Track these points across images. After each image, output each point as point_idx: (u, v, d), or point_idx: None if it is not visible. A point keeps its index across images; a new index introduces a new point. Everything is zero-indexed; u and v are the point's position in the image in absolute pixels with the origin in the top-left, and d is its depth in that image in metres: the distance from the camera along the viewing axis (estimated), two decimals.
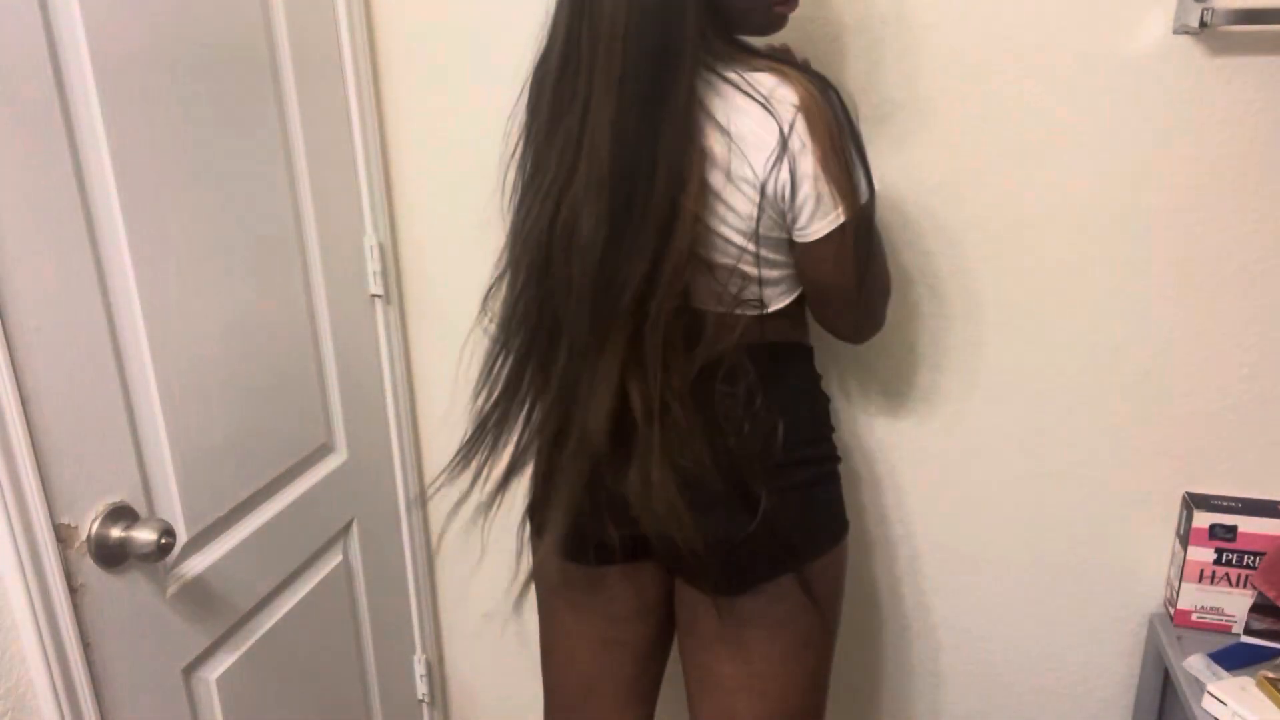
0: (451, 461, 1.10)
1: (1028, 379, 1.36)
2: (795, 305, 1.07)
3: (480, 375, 1.07)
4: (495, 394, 1.06)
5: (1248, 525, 1.28)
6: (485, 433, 1.08)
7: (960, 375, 1.38)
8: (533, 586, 1.20)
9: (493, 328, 1.07)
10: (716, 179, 0.94)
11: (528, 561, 1.18)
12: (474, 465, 1.09)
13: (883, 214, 1.34)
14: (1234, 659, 1.25)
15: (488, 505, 1.10)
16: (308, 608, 1.33)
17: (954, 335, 1.36)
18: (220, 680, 1.15)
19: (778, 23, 1.01)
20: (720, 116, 0.93)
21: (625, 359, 0.96)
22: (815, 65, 1.24)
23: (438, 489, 1.46)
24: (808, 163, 0.92)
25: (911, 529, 1.48)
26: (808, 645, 1.11)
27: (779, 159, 0.92)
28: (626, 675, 1.22)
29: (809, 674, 1.13)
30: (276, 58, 1.20)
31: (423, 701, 1.70)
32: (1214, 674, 1.22)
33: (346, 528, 1.44)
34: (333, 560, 1.40)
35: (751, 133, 0.92)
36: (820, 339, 1.16)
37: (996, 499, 1.43)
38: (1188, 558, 1.31)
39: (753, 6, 0.97)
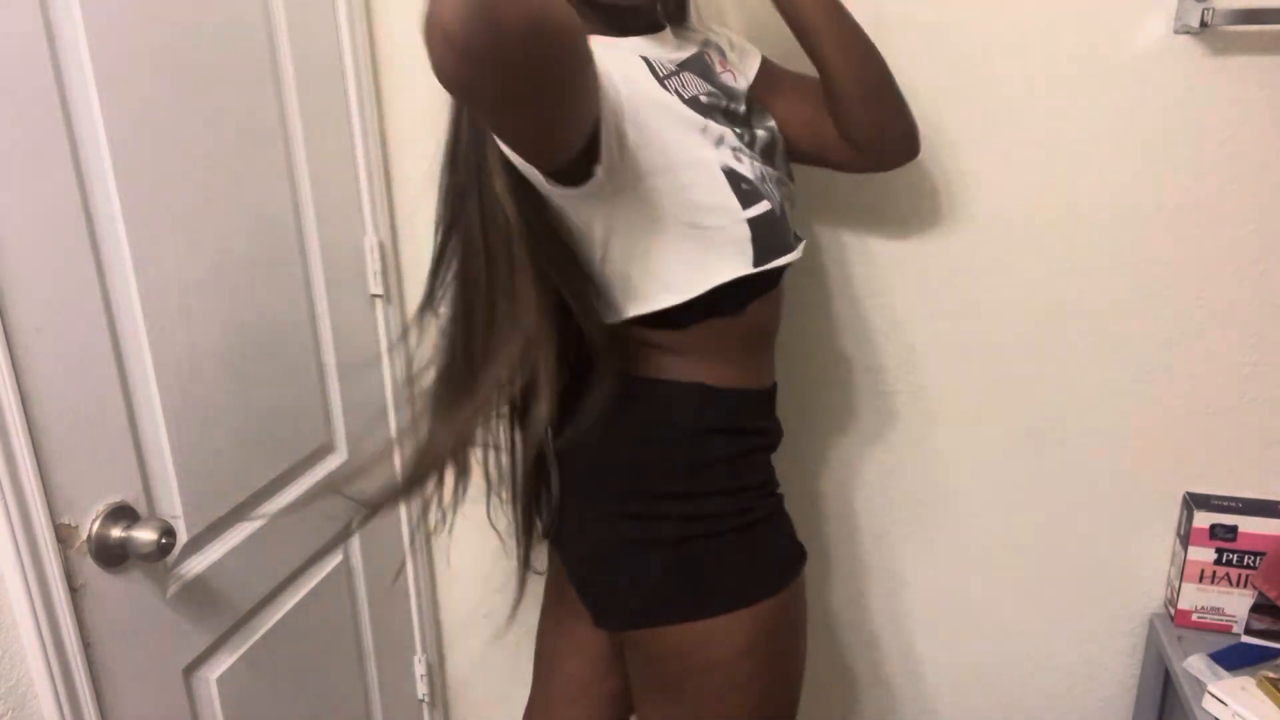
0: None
1: (1027, 379, 1.36)
2: (665, 328, 0.96)
3: None
4: None
5: (1248, 525, 1.28)
6: None
7: (960, 375, 1.38)
8: None
9: None
10: None
11: None
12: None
13: (883, 214, 1.34)
14: (1234, 659, 1.25)
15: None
16: (308, 608, 1.33)
17: (953, 335, 1.36)
18: (220, 680, 1.15)
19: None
20: None
21: None
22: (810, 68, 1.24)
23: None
24: None
25: (912, 529, 1.48)
26: None
27: None
28: (577, 671, 1.21)
29: None
30: (277, 57, 1.20)
31: (423, 701, 1.70)
32: (1214, 674, 1.22)
33: (347, 528, 1.44)
34: (333, 560, 1.40)
35: None
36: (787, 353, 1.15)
37: (996, 499, 1.43)
38: (1188, 558, 1.31)
39: None
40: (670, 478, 0.98)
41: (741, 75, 1.08)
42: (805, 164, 1.14)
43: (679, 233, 0.91)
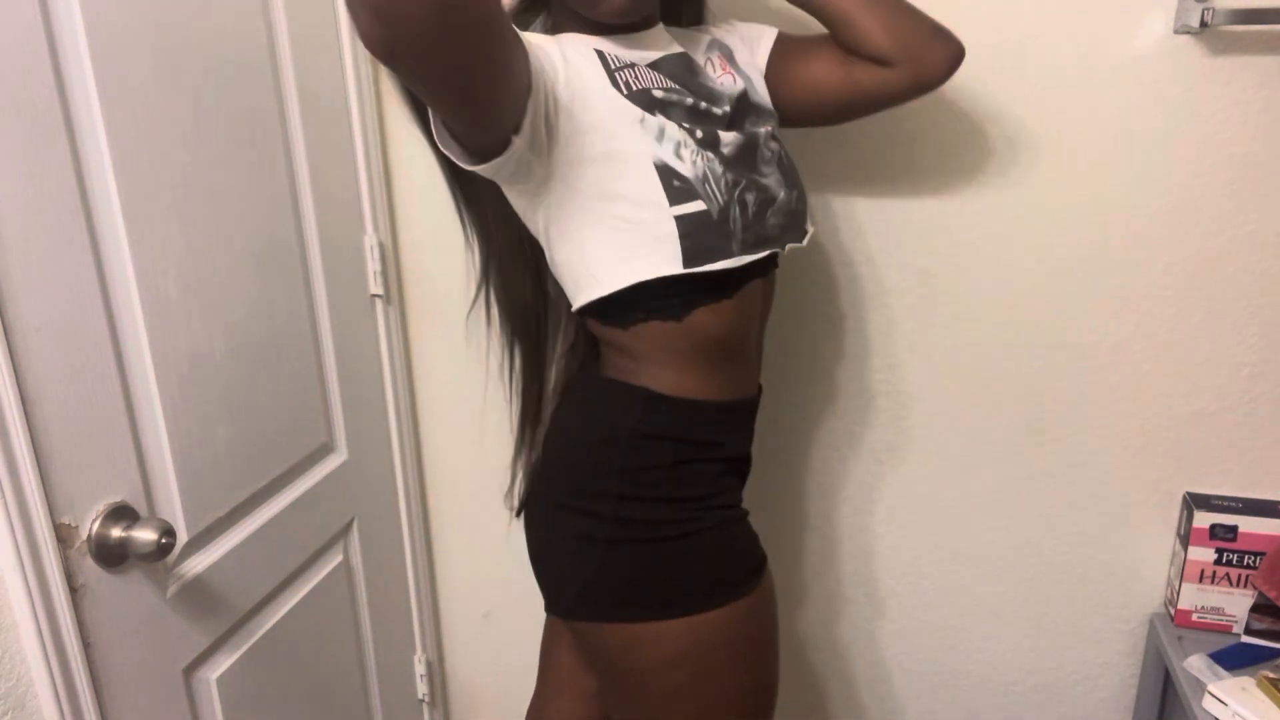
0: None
1: (1028, 379, 1.36)
2: (612, 325, 0.99)
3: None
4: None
5: (1248, 525, 1.28)
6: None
7: (960, 375, 1.38)
8: None
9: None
10: None
11: None
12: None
13: (882, 214, 1.34)
14: (1234, 659, 1.25)
15: None
16: (308, 608, 1.33)
17: (954, 335, 1.36)
18: (220, 680, 1.15)
19: (610, 13, 0.94)
20: None
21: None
22: None
23: None
24: None
25: (912, 529, 1.48)
26: (622, 713, 1.06)
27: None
28: (565, 663, 1.23)
29: None
30: (277, 57, 1.20)
31: (423, 701, 1.70)
32: (1214, 674, 1.22)
33: (346, 528, 1.44)
34: (333, 560, 1.40)
35: None
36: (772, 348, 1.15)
37: (997, 499, 1.43)
38: (1188, 558, 1.31)
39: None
40: (607, 477, 0.99)
41: (742, 76, 1.08)
42: (862, 115, 1.11)
43: (607, 224, 0.92)
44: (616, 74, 0.94)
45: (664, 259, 0.91)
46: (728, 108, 1.01)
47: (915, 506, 1.46)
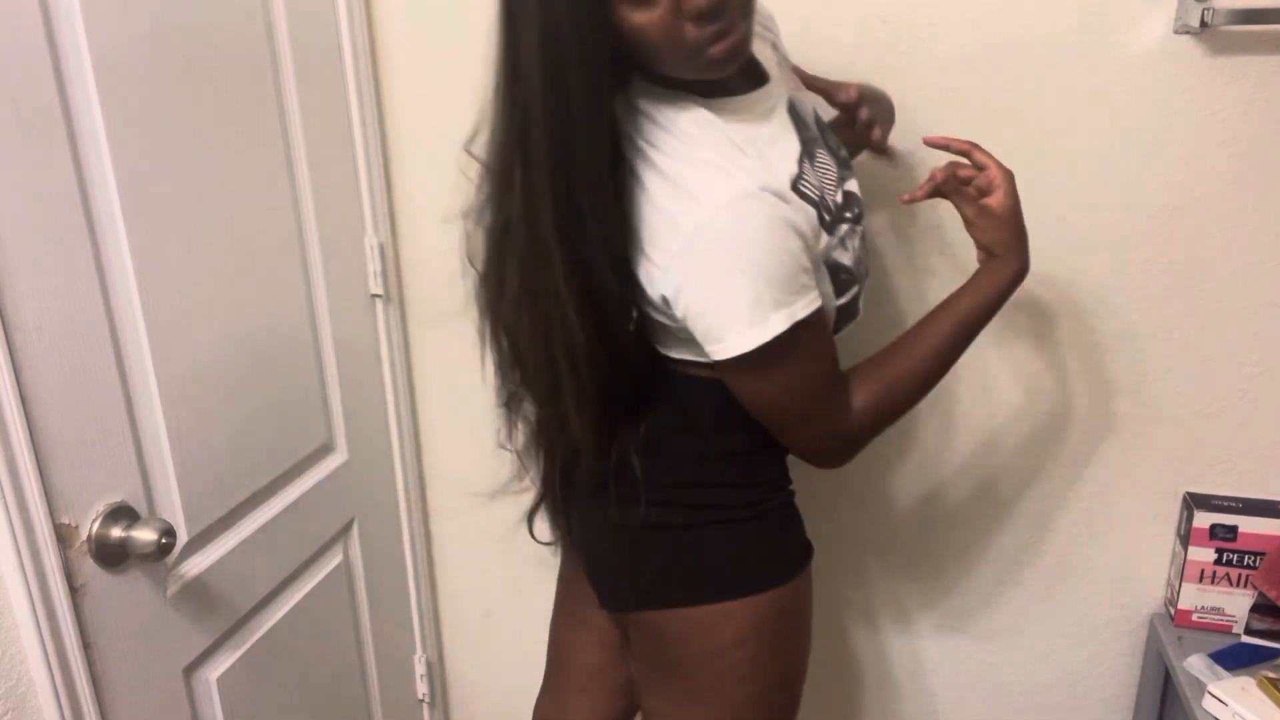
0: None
1: (1028, 379, 1.36)
2: None
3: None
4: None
5: (1248, 525, 1.28)
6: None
7: (960, 375, 1.38)
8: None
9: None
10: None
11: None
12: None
13: (883, 214, 1.34)
14: (1234, 659, 1.25)
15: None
16: (308, 608, 1.33)
17: None
18: (220, 680, 1.15)
19: (717, 66, 0.85)
20: (659, 169, 0.88)
21: None
22: (809, 66, 1.24)
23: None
24: (689, 292, 0.86)
25: (911, 529, 1.48)
26: (672, 705, 1.06)
27: (670, 264, 0.86)
28: (590, 661, 1.23)
29: None
30: (277, 57, 1.20)
31: (423, 701, 1.70)
32: (1214, 674, 1.22)
33: (346, 528, 1.44)
34: (333, 560, 1.40)
35: (664, 212, 0.87)
36: None
37: (997, 499, 1.43)
38: (1188, 558, 1.31)
39: (678, 58, 0.85)
40: (682, 465, 1.01)
41: (808, 95, 1.06)
42: None
43: None
44: (822, 209, 0.92)
45: None
46: (836, 145, 1.02)
47: (913, 506, 1.46)
